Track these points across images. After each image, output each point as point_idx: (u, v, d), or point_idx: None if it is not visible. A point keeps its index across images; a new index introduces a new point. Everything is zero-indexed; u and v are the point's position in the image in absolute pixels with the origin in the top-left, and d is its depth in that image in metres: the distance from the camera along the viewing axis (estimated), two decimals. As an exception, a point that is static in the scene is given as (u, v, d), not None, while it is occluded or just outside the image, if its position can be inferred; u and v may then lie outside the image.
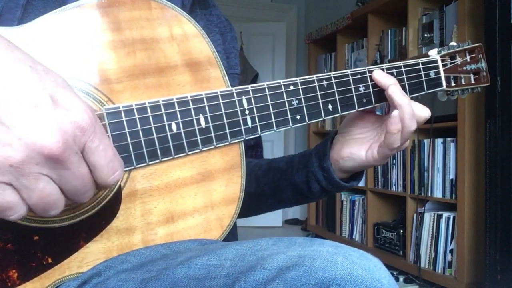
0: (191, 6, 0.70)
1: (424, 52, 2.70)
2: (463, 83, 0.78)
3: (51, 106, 0.38)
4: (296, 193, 0.77)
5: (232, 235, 0.64)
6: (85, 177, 0.41)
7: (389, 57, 3.05)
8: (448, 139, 2.49)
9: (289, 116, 0.62)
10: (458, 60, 0.78)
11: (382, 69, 0.69)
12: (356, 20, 3.31)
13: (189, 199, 0.56)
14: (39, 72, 0.39)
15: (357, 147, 0.71)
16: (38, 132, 0.37)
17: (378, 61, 3.07)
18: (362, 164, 0.71)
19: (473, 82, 0.79)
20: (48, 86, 0.39)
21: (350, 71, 0.67)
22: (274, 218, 4.32)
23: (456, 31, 2.42)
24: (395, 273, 2.75)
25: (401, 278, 2.66)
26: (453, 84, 0.77)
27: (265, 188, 0.79)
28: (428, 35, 2.67)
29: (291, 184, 0.76)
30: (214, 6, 0.79)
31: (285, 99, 0.61)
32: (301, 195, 0.77)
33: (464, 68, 0.78)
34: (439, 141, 2.54)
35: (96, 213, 0.50)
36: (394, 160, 2.93)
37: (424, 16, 2.74)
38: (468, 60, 0.79)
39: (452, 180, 2.45)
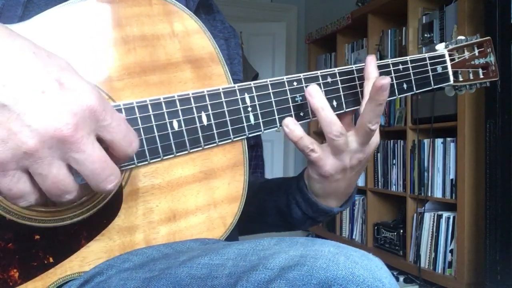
0: (196, 10, 0.69)
1: (424, 52, 2.70)
2: (471, 78, 0.76)
3: (58, 90, 0.38)
4: (280, 218, 0.73)
5: (233, 234, 0.64)
6: (103, 159, 0.40)
7: (389, 57, 3.05)
8: (448, 139, 2.49)
9: (293, 113, 0.61)
10: (466, 54, 0.76)
11: (388, 64, 0.69)
12: (356, 20, 3.31)
13: (191, 198, 0.55)
14: (43, 57, 0.39)
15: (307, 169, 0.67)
16: (48, 117, 0.37)
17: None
18: (314, 178, 0.65)
19: (481, 76, 0.77)
20: (53, 70, 0.39)
21: (355, 67, 0.66)
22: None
23: (456, 31, 2.42)
24: (395, 273, 2.74)
25: (401, 278, 2.66)
26: (461, 79, 0.76)
27: (251, 208, 0.73)
28: (428, 35, 2.67)
29: (275, 207, 0.72)
30: (218, 12, 0.78)
31: (289, 96, 0.61)
32: (285, 220, 0.72)
33: (473, 62, 0.76)
34: (439, 141, 2.54)
35: (97, 212, 0.50)
36: (394, 160, 2.93)
37: (424, 16, 2.74)
38: (477, 54, 0.77)
39: (452, 180, 2.45)
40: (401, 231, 2.79)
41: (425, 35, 2.69)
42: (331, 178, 0.63)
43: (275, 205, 0.72)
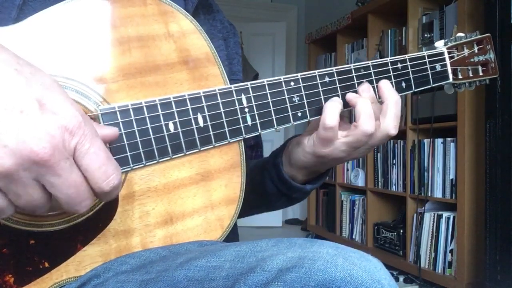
0: (194, 10, 0.69)
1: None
2: (471, 75, 0.76)
3: (38, 110, 0.37)
4: (256, 195, 0.73)
5: (233, 234, 0.64)
6: (79, 184, 0.39)
7: (389, 57, 3.04)
8: (448, 139, 2.48)
9: (290, 113, 0.61)
10: (466, 51, 0.75)
11: (387, 63, 0.68)
12: (356, 20, 3.31)
13: (188, 200, 0.55)
14: (25, 74, 0.38)
15: (303, 136, 0.67)
16: (25, 138, 0.36)
17: (378, 61, 3.06)
18: (305, 151, 0.64)
19: (481, 74, 0.76)
20: (35, 89, 0.38)
21: (353, 66, 0.65)
22: (274, 218, 4.31)
23: (456, 31, 2.41)
24: (395, 273, 2.74)
25: (401, 278, 2.66)
26: (460, 77, 0.75)
27: None
28: (428, 35, 2.67)
29: (252, 185, 0.71)
30: (218, 11, 0.78)
31: (286, 96, 0.60)
32: (261, 197, 0.73)
33: (472, 59, 0.75)
34: (439, 141, 2.54)
35: (92, 215, 0.50)
36: (394, 160, 2.92)
37: (424, 16, 2.74)
38: (476, 51, 0.76)
39: (452, 180, 2.44)
40: (401, 231, 2.78)
41: (425, 35, 2.69)
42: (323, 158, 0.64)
43: (251, 183, 0.70)
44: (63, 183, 0.38)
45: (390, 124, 0.62)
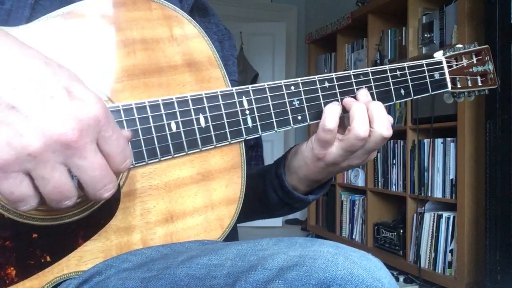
0: (190, 12, 0.70)
1: (424, 52, 2.70)
2: (470, 85, 0.77)
3: (67, 97, 0.39)
4: (259, 203, 0.75)
5: (233, 233, 0.64)
6: (103, 167, 0.41)
7: (389, 57, 3.04)
8: (448, 139, 2.49)
9: (290, 116, 0.62)
10: (464, 61, 0.76)
11: (385, 70, 0.69)
12: (356, 20, 3.31)
13: (189, 199, 0.56)
14: (53, 66, 0.40)
15: (301, 143, 0.68)
16: (55, 121, 0.38)
17: (378, 61, 3.07)
18: (304, 155, 0.66)
19: (480, 84, 0.78)
20: (63, 79, 0.40)
21: (353, 72, 0.66)
22: (274, 218, 4.31)
23: (456, 31, 2.42)
24: (395, 273, 2.74)
25: (401, 278, 2.66)
26: (459, 86, 0.76)
27: None
28: (428, 35, 2.67)
29: (254, 193, 0.73)
30: (213, 14, 0.80)
31: (286, 100, 0.61)
32: (263, 205, 0.75)
33: (471, 69, 0.77)
34: (439, 141, 2.54)
35: (94, 211, 0.50)
36: (394, 160, 2.93)
37: (424, 16, 2.74)
38: (475, 62, 0.77)
39: (452, 180, 2.45)
40: (401, 231, 2.78)
41: (425, 35, 2.69)
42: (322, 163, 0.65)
43: (254, 191, 0.73)
44: (89, 166, 0.40)
45: (381, 126, 0.63)
